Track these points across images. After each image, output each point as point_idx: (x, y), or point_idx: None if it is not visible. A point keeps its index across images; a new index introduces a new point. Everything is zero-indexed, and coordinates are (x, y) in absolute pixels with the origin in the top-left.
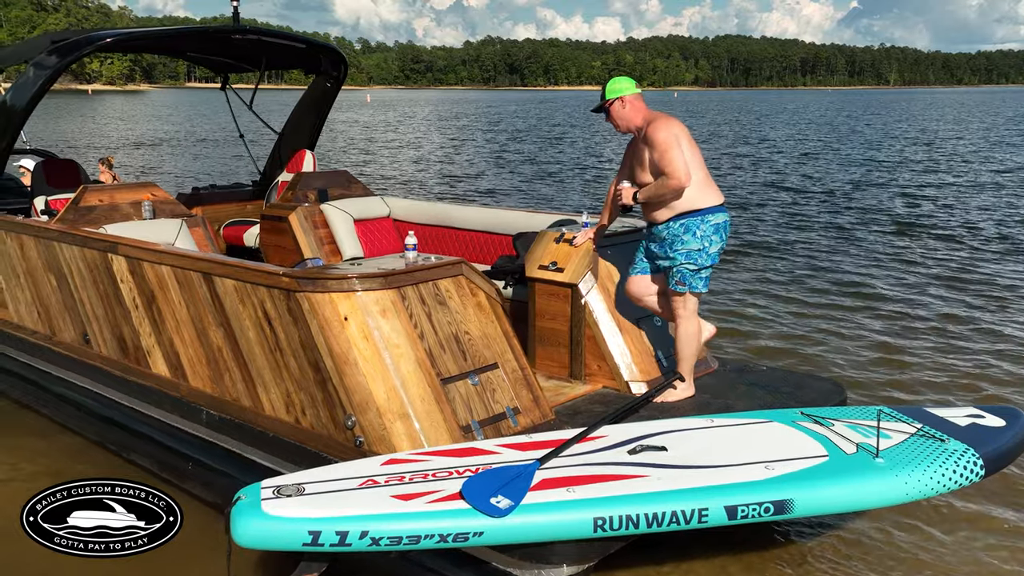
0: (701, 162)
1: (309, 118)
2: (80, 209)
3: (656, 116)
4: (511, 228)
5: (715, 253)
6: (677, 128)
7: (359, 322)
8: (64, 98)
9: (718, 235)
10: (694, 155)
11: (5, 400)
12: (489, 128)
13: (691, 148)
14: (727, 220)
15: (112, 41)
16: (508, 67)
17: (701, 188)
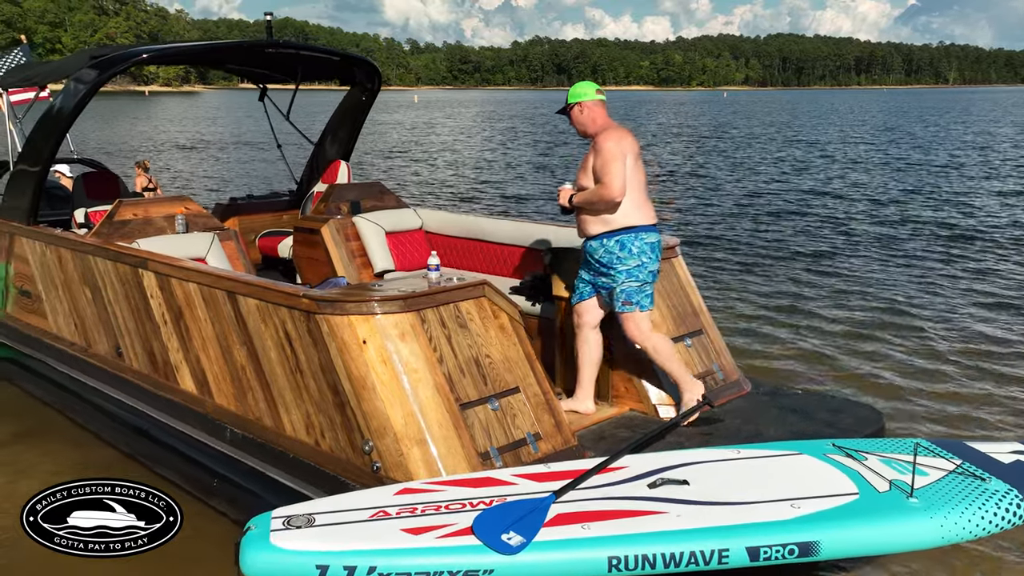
0: (642, 183)
1: (344, 129)
2: (115, 223)
3: (610, 126)
4: (543, 243)
5: (655, 271)
6: (627, 143)
7: (377, 345)
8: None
9: (655, 253)
10: (636, 174)
11: (45, 407)
12: (532, 130)
13: (636, 166)
14: (659, 240)
15: (147, 57)
16: (556, 67)
17: (637, 207)
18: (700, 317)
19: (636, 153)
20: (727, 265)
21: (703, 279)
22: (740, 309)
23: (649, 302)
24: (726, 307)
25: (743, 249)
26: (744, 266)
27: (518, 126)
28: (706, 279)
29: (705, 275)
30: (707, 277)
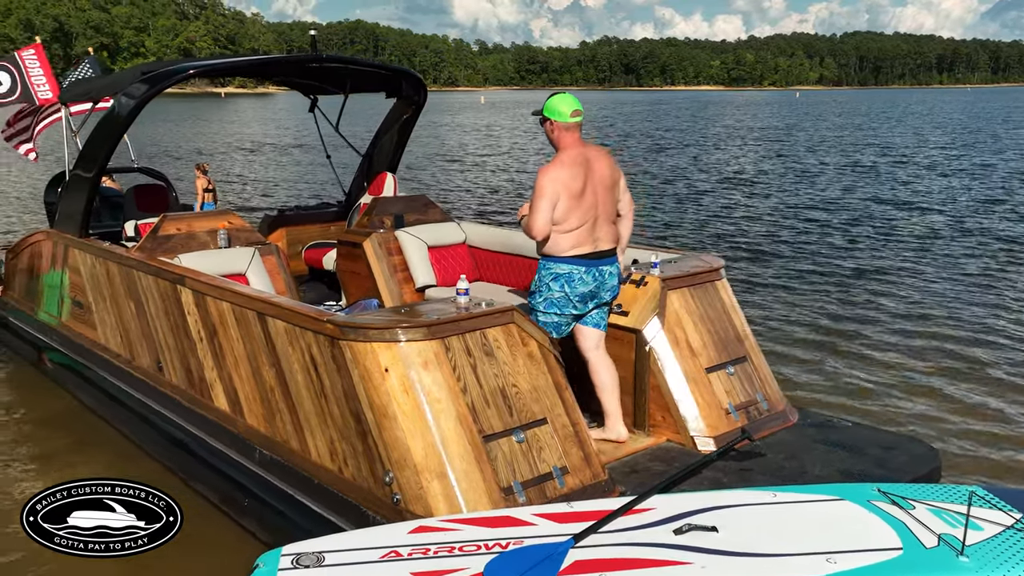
0: (594, 209)
1: (391, 141)
2: (158, 238)
3: (563, 153)
4: None
5: (558, 300)
6: (569, 175)
7: (400, 374)
8: (199, 101)
9: (558, 283)
10: (580, 204)
11: (95, 417)
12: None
13: (585, 196)
14: (573, 273)
15: (193, 72)
16: (624, 67)
17: (575, 236)
18: (744, 343)
19: (582, 181)
20: (778, 284)
21: (750, 299)
22: (790, 333)
23: (554, 332)
24: (775, 331)
25: (796, 266)
26: (797, 285)
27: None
28: (753, 300)
29: (752, 295)
30: (754, 298)
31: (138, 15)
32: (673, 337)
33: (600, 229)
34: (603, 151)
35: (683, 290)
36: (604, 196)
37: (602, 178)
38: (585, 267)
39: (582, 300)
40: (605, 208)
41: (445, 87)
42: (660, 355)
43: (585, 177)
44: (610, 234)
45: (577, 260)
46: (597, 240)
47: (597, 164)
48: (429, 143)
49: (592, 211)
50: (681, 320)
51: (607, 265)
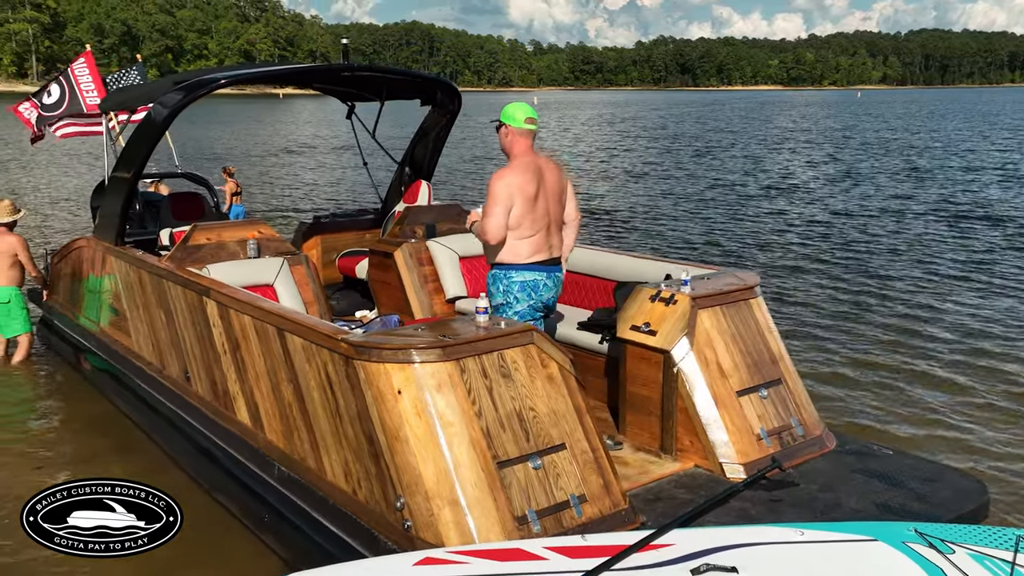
0: (547, 216)
1: (425, 149)
2: (188, 247)
3: (516, 160)
4: (615, 274)
5: (524, 311)
6: (521, 181)
7: (412, 396)
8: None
9: (524, 293)
10: (534, 209)
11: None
12: (643, 132)
13: (537, 203)
14: (538, 280)
15: (225, 81)
16: (680, 67)
17: (532, 243)
18: (779, 364)
19: (535, 188)
20: (819, 300)
21: (788, 316)
22: (831, 353)
23: None
24: (814, 351)
25: (841, 281)
26: (840, 301)
27: (631, 130)
28: (792, 317)
29: (791, 312)
30: (793, 315)
31: (201, 18)
32: (703, 358)
33: (553, 236)
34: (552, 161)
35: (715, 309)
36: (554, 204)
37: (552, 186)
38: (547, 273)
39: (541, 308)
40: (556, 215)
41: (499, 87)
42: (689, 377)
43: (538, 184)
44: (560, 241)
45: (539, 267)
46: (551, 247)
47: (548, 172)
48: (474, 145)
49: (545, 217)
50: (712, 340)
51: (558, 271)
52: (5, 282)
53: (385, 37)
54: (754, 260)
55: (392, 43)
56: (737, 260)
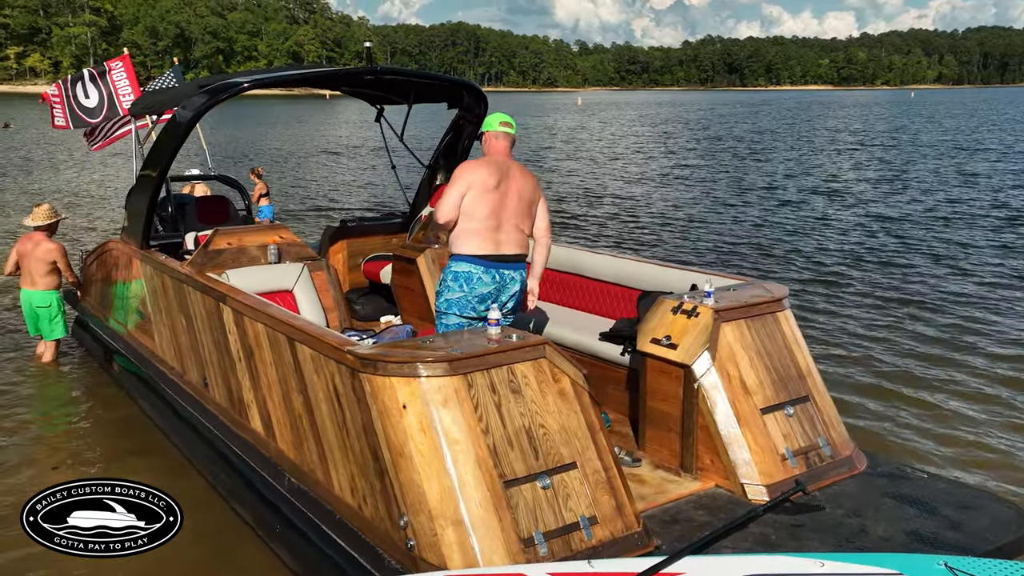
0: (503, 212)
1: (452, 152)
2: (209, 252)
3: (486, 156)
4: (640, 282)
5: (456, 300)
6: (483, 173)
7: (417, 412)
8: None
9: (458, 283)
10: (489, 200)
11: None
12: (685, 134)
13: (492, 196)
14: (472, 273)
15: (247, 85)
16: (727, 67)
17: (477, 235)
18: (807, 381)
19: (496, 183)
20: (855, 312)
21: (821, 328)
22: (866, 368)
23: None
24: (847, 366)
25: (880, 291)
26: (877, 313)
27: (673, 131)
28: (825, 329)
29: (824, 325)
30: (826, 327)
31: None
32: (725, 374)
33: (506, 233)
34: (525, 169)
35: (739, 322)
36: (517, 205)
37: (519, 189)
38: (484, 267)
39: (481, 301)
40: (516, 216)
41: (544, 88)
42: (710, 393)
43: (500, 179)
44: (517, 242)
45: (477, 260)
46: (500, 243)
47: (517, 177)
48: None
49: (501, 212)
50: (735, 355)
51: (509, 270)
52: (45, 287)
53: (431, 38)
54: (789, 268)
55: (438, 44)
56: (771, 268)
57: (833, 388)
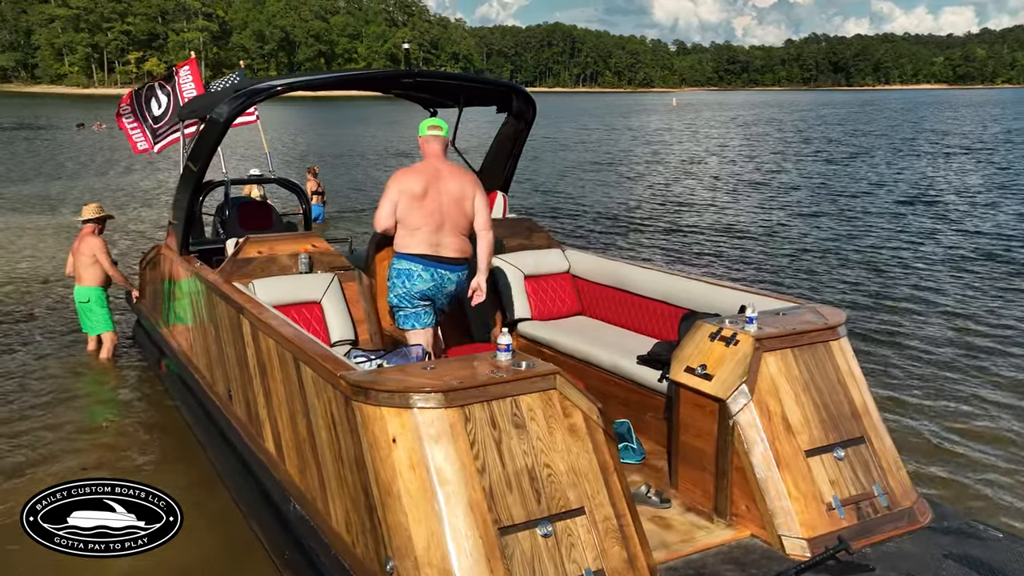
0: (438, 216)
1: (502, 158)
2: (238, 261)
3: (417, 163)
4: (686, 301)
5: (402, 295)
6: (408, 183)
7: (408, 446)
8: (397, 104)
9: (400, 280)
10: (421, 206)
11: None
12: (775, 135)
13: (421, 203)
14: (412, 271)
15: (281, 88)
16: (832, 66)
17: (415, 237)
18: (863, 419)
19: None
20: (931, 344)
21: (887, 360)
22: (937, 407)
23: (401, 323)
24: (915, 403)
25: (961, 319)
26: (957, 347)
27: (763, 132)
28: (892, 361)
29: (890, 355)
30: (894, 359)
31: (353, 23)
32: (764, 410)
33: (444, 236)
34: (459, 169)
35: (784, 352)
36: (452, 208)
37: (448, 191)
38: (423, 266)
39: (420, 297)
40: (452, 218)
41: (640, 88)
42: (746, 431)
43: (428, 185)
44: (456, 245)
45: (416, 258)
46: (439, 246)
47: (447, 178)
48: (589, 148)
49: (435, 216)
50: (778, 389)
51: (447, 271)
52: (87, 282)
53: (527, 39)
54: (860, 289)
55: (533, 45)
56: (839, 289)
57: (897, 429)
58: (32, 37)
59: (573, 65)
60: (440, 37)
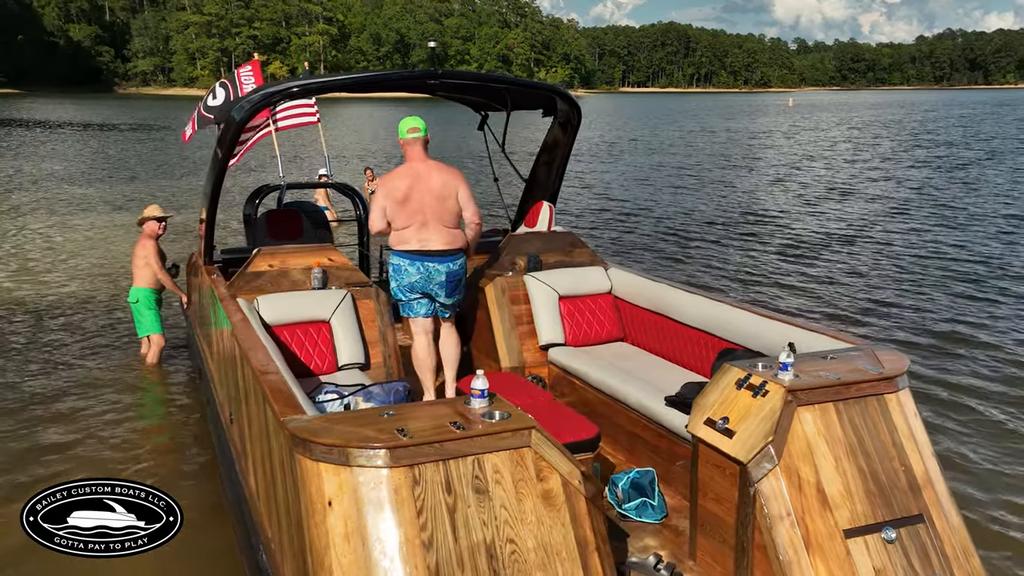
0: (421, 214)
1: (549, 167)
2: (248, 275)
3: (399, 167)
4: (729, 332)
5: (396, 289)
6: (391, 186)
7: (344, 512)
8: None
9: (394, 274)
10: (405, 208)
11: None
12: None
13: (409, 203)
14: (401, 265)
15: (297, 90)
16: (968, 63)
17: (404, 234)
18: (923, 493)
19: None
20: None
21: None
22: None
23: (420, 310)
24: (996, 472)
25: None
26: None
27: (877, 135)
28: (969, 420)
29: (968, 413)
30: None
31: (466, 25)
32: (794, 478)
33: (429, 232)
34: (440, 166)
35: (825, 407)
36: (434, 204)
37: (430, 188)
38: (410, 261)
39: (411, 289)
40: (435, 214)
41: (756, 88)
42: (770, 503)
43: (409, 187)
44: (441, 239)
45: (404, 254)
46: (424, 240)
47: (429, 176)
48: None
49: (419, 215)
50: (813, 452)
51: (433, 262)
52: (137, 283)
53: (640, 39)
54: (949, 329)
55: (646, 44)
56: (916, 327)
57: (969, 505)
58: (169, 43)
59: (687, 65)
60: (552, 38)
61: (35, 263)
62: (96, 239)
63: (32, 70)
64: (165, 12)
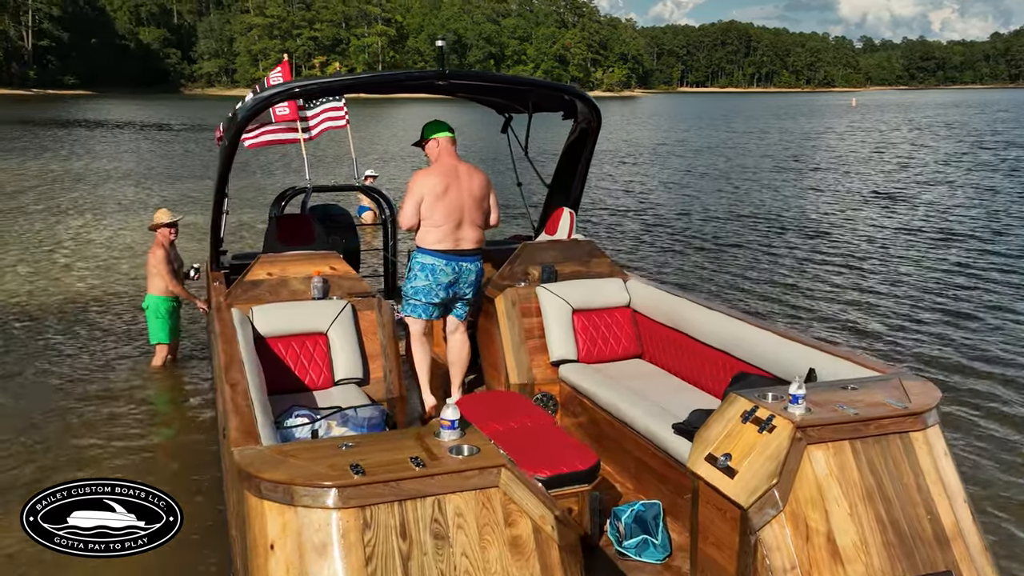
0: (459, 213)
1: (571, 172)
2: (245, 283)
3: (436, 164)
4: (746, 353)
5: (422, 288)
6: (433, 181)
7: (286, 558)
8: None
9: (424, 273)
10: (443, 204)
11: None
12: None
13: (443, 201)
14: (435, 264)
15: (299, 90)
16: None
17: (437, 233)
18: (952, 544)
19: (469, 190)
20: None
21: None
22: None
23: (411, 311)
24: None
25: None
26: None
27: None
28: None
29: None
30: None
31: (523, 25)
32: (801, 526)
33: (464, 231)
34: (477, 169)
35: (839, 444)
36: (471, 204)
37: (470, 189)
38: (446, 260)
39: (444, 288)
40: (471, 215)
41: (819, 88)
42: (772, 554)
43: (449, 184)
44: (472, 238)
45: (439, 254)
46: (459, 240)
47: (466, 177)
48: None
49: (457, 213)
50: (824, 496)
51: (466, 262)
52: (149, 289)
53: (699, 38)
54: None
55: (706, 44)
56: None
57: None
58: (233, 45)
59: (747, 64)
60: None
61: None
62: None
63: (103, 72)
64: (230, 15)
